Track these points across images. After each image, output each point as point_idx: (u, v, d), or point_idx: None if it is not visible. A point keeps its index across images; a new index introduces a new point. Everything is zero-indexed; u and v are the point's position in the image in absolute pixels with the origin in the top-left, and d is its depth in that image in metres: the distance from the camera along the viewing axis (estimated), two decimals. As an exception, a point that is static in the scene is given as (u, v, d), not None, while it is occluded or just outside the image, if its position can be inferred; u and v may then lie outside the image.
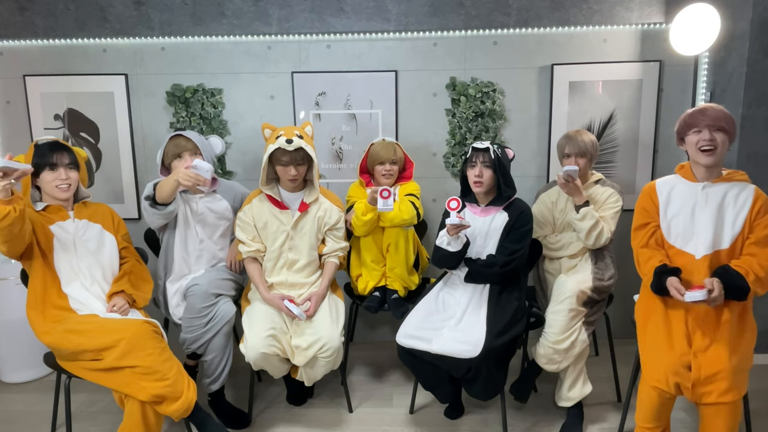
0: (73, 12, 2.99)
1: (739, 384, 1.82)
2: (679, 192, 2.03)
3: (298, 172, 2.36)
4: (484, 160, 2.26)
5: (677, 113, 3.03)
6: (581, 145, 2.43)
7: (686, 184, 2.03)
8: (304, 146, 2.29)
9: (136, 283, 2.31)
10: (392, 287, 2.62)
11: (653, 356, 1.94)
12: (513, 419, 2.46)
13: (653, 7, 2.96)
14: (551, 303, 2.34)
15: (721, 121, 1.91)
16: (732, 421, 1.85)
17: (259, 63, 3.05)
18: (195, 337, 2.30)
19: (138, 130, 3.11)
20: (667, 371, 1.86)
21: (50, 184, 2.17)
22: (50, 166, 2.16)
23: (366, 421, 2.49)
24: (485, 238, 2.34)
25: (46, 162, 2.16)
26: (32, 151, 2.18)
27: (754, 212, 1.92)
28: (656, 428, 1.98)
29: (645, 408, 1.97)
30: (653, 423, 1.97)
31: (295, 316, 2.30)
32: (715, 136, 1.92)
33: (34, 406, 2.63)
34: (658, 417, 1.96)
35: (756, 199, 1.93)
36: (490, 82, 3.01)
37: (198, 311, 2.28)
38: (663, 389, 1.87)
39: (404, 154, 2.75)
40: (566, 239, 2.50)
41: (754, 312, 2.01)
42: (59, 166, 2.17)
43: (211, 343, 2.32)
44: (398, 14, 3.00)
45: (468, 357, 2.06)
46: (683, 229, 1.99)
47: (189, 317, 2.30)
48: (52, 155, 2.17)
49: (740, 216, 1.93)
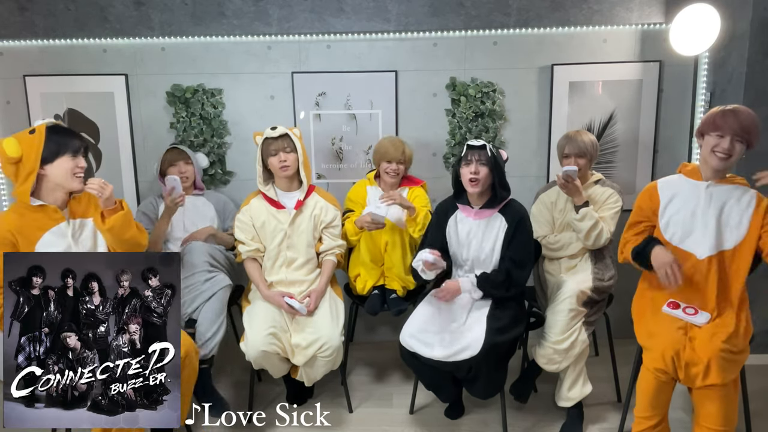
0: (73, 12, 2.99)
1: (728, 369, 1.82)
2: (682, 191, 2.03)
3: (288, 159, 2.40)
4: (480, 158, 2.16)
5: (677, 113, 3.03)
6: (581, 145, 2.43)
7: (690, 182, 2.03)
8: (288, 132, 2.41)
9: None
10: (391, 287, 2.62)
11: (650, 340, 1.96)
12: (513, 419, 2.46)
13: (653, 7, 2.96)
14: (551, 303, 2.34)
15: (747, 132, 1.87)
16: (724, 407, 1.84)
17: (259, 63, 3.05)
18: (192, 297, 2.32)
19: (138, 130, 3.11)
20: (664, 349, 1.87)
21: (68, 172, 1.93)
22: (74, 151, 1.93)
23: (366, 421, 2.49)
24: (481, 241, 2.26)
25: (70, 145, 1.92)
26: (42, 134, 1.89)
27: (759, 215, 1.92)
28: (654, 417, 1.96)
29: (643, 394, 1.97)
30: (650, 411, 1.95)
31: (297, 311, 2.30)
32: (735, 146, 1.88)
33: (34, 406, 2.63)
34: (656, 405, 1.95)
35: (759, 203, 1.93)
36: (490, 82, 3.01)
37: (197, 266, 2.32)
38: (660, 367, 1.88)
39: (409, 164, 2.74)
40: (565, 239, 2.50)
41: (754, 311, 2.01)
42: (80, 153, 1.96)
43: (205, 305, 2.33)
44: (398, 14, 3.00)
45: (468, 357, 2.06)
46: (682, 226, 1.99)
47: (187, 275, 2.31)
48: (74, 140, 1.94)
49: (745, 218, 1.93)
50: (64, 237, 1.98)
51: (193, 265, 2.32)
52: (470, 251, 2.28)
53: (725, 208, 1.95)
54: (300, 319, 2.37)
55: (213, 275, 2.40)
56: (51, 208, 1.96)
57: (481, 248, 2.26)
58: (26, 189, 1.90)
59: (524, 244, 2.22)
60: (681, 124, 3.03)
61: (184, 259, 2.35)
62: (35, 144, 1.87)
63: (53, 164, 1.91)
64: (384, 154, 2.62)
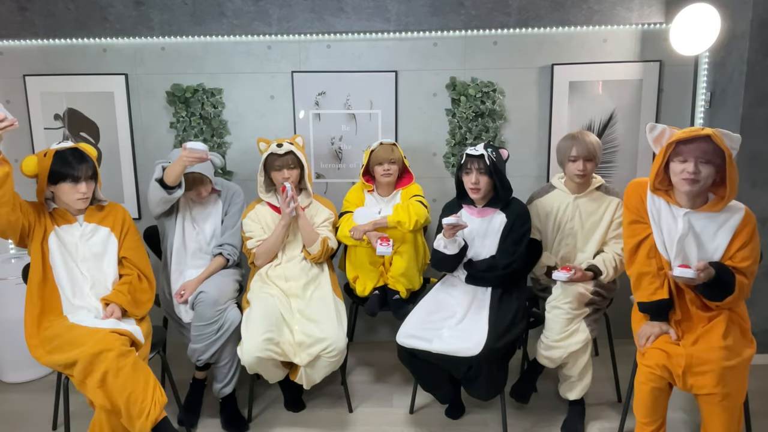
0: (73, 12, 2.99)
1: (731, 382, 1.82)
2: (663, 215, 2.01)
3: (291, 175, 2.49)
4: (479, 167, 2.24)
5: (677, 113, 3.03)
6: (589, 147, 2.32)
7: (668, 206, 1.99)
8: (293, 150, 2.48)
9: (134, 296, 2.22)
10: (394, 288, 2.62)
11: (644, 355, 1.96)
12: (513, 419, 2.46)
13: (653, 7, 2.96)
14: (551, 303, 2.32)
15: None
16: (728, 420, 1.84)
17: (259, 63, 3.05)
18: (207, 345, 2.30)
19: (138, 130, 3.11)
20: (659, 356, 1.88)
21: (70, 196, 2.11)
22: (73, 180, 2.09)
23: (366, 421, 2.49)
24: (483, 238, 2.34)
25: (70, 174, 2.08)
26: (51, 159, 2.07)
27: (737, 241, 1.90)
28: (653, 422, 1.98)
29: (640, 404, 1.98)
30: (649, 418, 1.97)
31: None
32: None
33: (34, 406, 2.63)
34: (653, 412, 1.96)
35: (743, 225, 1.90)
36: (490, 82, 3.01)
37: (209, 318, 2.28)
38: (655, 373, 1.88)
39: (405, 166, 2.74)
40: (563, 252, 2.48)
41: (754, 311, 2.01)
42: (82, 180, 2.11)
43: (224, 350, 2.35)
44: (398, 14, 3.00)
45: (469, 355, 2.07)
46: (669, 248, 1.99)
47: (200, 325, 2.30)
48: (77, 168, 2.09)
49: (724, 241, 1.91)
50: (71, 235, 2.17)
51: (205, 318, 2.29)
52: (473, 248, 2.35)
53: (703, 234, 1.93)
54: (304, 316, 2.36)
55: (223, 321, 2.32)
56: (62, 210, 2.18)
57: (483, 245, 2.34)
58: (41, 199, 2.15)
59: (521, 235, 2.28)
60: (681, 124, 3.02)
61: (197, 309, 2.31)
62: (44, 167, 2.08)
63: (57, 187, 2.11)
64: (375, 158, 2.64)
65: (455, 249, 2.26)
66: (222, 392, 2.40)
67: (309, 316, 2.36)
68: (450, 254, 2.27)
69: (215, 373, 2.41)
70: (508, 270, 2.26)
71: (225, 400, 2.44)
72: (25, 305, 2.11)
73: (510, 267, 2.26)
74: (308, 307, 2.40)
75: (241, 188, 2.69)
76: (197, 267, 2.50)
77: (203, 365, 2.43)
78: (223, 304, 2.34)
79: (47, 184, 2.10)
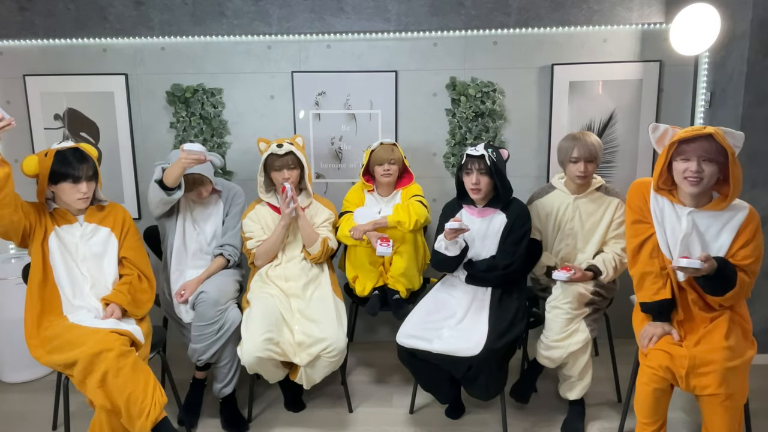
0: (73, 12, 2.99)
1: (733, 383, 1.82)
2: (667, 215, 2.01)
3: (291, 176, 2.49)
4: (480, 168, 2.25)
5: (677, 113, 3.03)
6: (590, 148, 2.32)
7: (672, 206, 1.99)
8: (293, 150, 2.48)
9: (134, 296, 2.23)
10: (394, 287, 2.62)
11: (647, 356, 1.96)
12: (513, 419, 2.46)
13: (653, 7, 2.96)
14: (551, 303, 2.33)
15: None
16: (730, 420, 1.84)
17: (259, 63, 3.05)
18: (207, 345, 2.30)
19: (138, 130, 3.11)
20: (662, 357, 1.88)
21: (71, 196, 2.12)
22: (74, 179, 2.10)
23: (366, 421, 2.49)
24: (483, 239, 2.34)
25: (70, 174, 2.09)
26: (51, 158, 2.08)
27: (740, 239, 1.89)
28: (654, 423, 1.98)
29: (641, 405, 1.98)
30: (650, 419, 1.98)
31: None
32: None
33: (34, 406, 2.63)
34: (655, 413, 1.96)
35: (747, 224, 1.90)
36: (490, 82, 3.01)
37: (209, 319, 2.28)
38: (658, 374, 1.88)
39: (405, 166, 2.75)
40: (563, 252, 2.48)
41: (755, 311, 2.01)
42: (83, 179, 2.12)
43: (224, 350, 2.35)
44: (398, 14, 3.00)
45: (469, 355, 2.07)
46: (672, 247, 1.99)
47: (200, 325, 2.30)
48: (78, 168, 2.09)
49: (727, 240, 1.91)
50: (72, 235, 2.17)
51: (206, 318, 2.29)
52: (473, 248, 2.35)
53: (707, 232, 1.93)
54: (304, 316, 2.36)
55: (224, 321, 2.33)
56: (63, 210, 2.18)
57: (483, 245, 2.34)
58: (41, 199, 2.15)
59: (521, 236, 2.28)
60: (681, 124, 3.02)
61: (197, 310, 2.31)
62: (45, 166, 2.09)
63: (57, 187, 2.12)
64: (375, 159, 2.64)
65: (456, 251, 2.26)
66: (222, 392, 2.41)
67: (309, 316, 2.36)
68: (451, 256, 2.27)
69: (215, 373, 2.41)
70: (508, 270, 2.26)
71: (225, 400, 2.44)
72: (25, 305, 2.11)
73: (510, 267, 2.26)
74: (308, 307, 2.40)
75: (241, 189, 2.69)
76: (198, 267, 2.50)
77: (203, 365, 2.43)
78: (224, 305, 2.34)
79: (48, 183, 2.11)
